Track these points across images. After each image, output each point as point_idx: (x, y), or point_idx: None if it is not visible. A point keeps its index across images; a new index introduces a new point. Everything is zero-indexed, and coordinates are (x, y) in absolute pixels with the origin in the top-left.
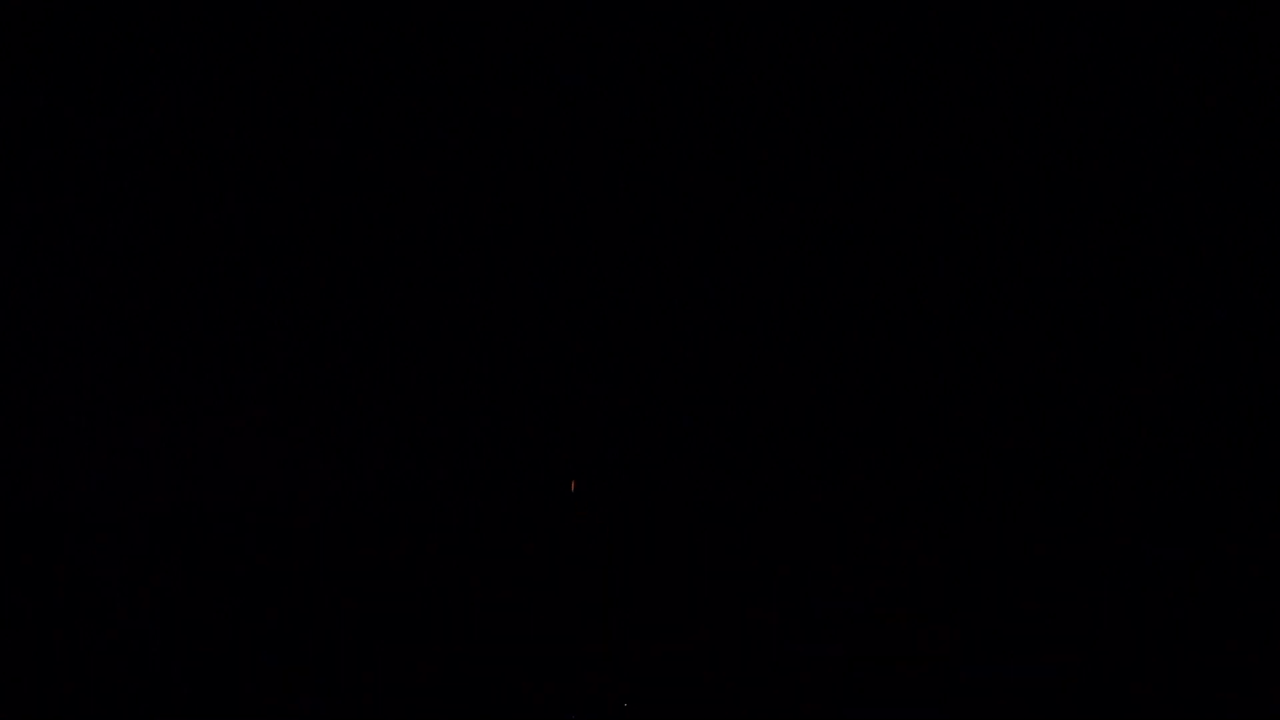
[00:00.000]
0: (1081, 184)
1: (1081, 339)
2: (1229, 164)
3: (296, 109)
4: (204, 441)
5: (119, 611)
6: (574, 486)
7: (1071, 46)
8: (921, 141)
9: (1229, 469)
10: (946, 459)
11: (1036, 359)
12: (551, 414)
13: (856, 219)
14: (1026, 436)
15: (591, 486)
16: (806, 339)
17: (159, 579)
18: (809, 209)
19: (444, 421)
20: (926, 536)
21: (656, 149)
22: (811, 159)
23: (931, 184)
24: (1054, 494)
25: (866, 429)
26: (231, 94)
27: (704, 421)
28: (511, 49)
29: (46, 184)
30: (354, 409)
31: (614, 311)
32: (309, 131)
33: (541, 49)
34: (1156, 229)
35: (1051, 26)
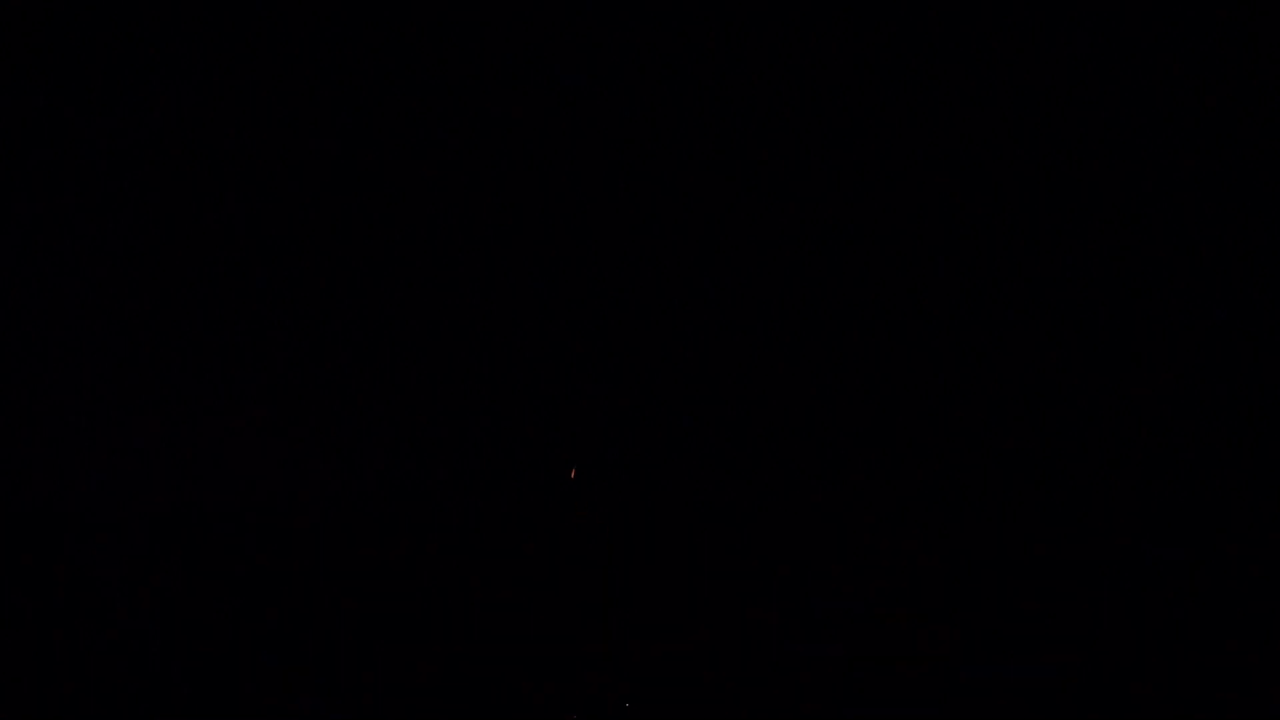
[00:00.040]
0: (1081, 184)
1: (1081, 339)
2: (1229, 164)
3: (296, 109)
4: (204, 441)
5: (119, 611)
6: (573, 475)
7: (1071, 46)
8: (921, 141)
9: (1229, 469)
10: (946, 459)
11: (1036, 359)
12: (551, 414)
13: (856, 219)
14: (1026, 436)
15: (591, 486)
16: (806, 339)
17: (159, 579)
18: (809, 209)
19: (444, 421)
20: (926, 536)
21: (656, 149)
22: (811, 159)
23: (931, 184)
24: (1054, 494)
25: (866, 429)
26: (231, 94)
27: (704, 421)
28: (511, 49)
29: (46, 184)
30: (354, 409)
31: (614, 311)
32: (309, 131)
33: (541, 49)
34: (1156, 229)
35: (1051, 26)
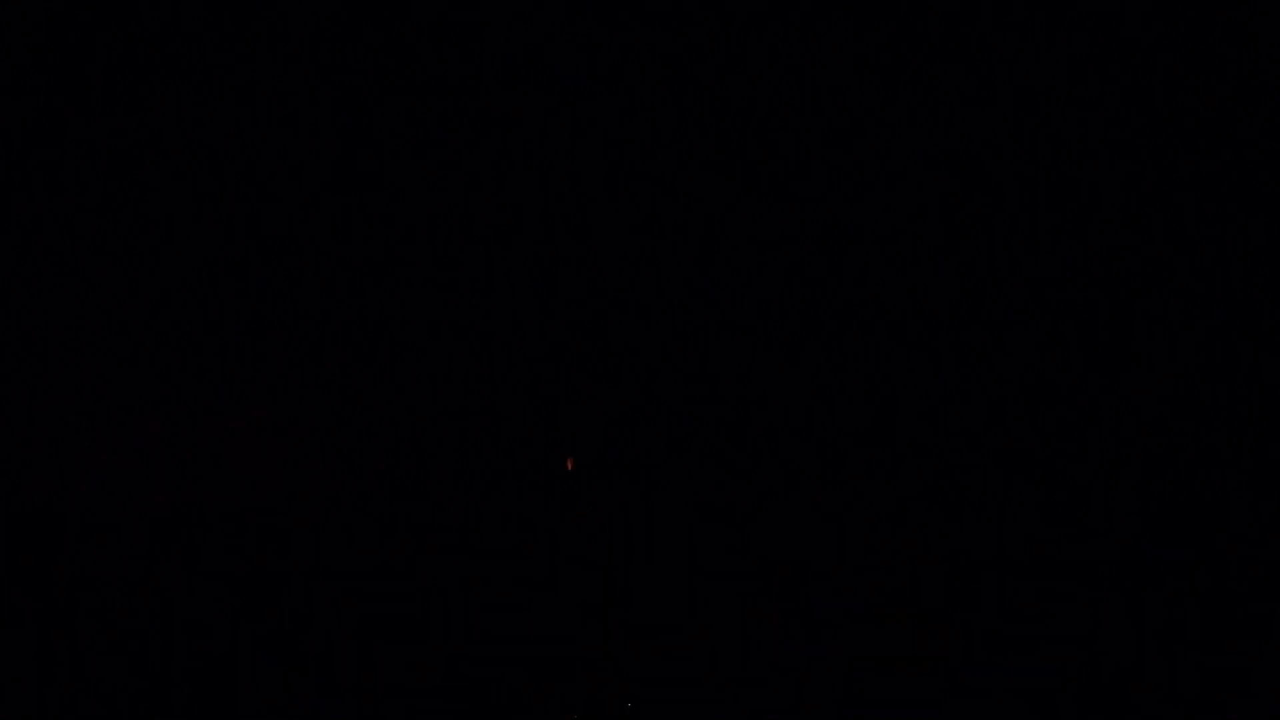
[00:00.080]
0: (1081, 184)
1: (1081, 339)
2: (1229, 164)
3: (297, 109)
4: (204, 441)
5: (119, 611)
6: (570, 465)
7: (1071, 46)
8: (921, 141)
9: (1229, 469)
10: (946, 459)
11: (1036, 359)
12: (551, 414)
13: (856, 219)
14: (1026, 436)
15: (591, 486)
16: (806, 339)
17: (159, 579)
18: (809, 209)
19: (444, 421)
20: (926, 536)
21: (656, 149)
22: (811, 159)
23: (931, 184)
24: (1054, 494)
25: (866, 429)
26: (231, 94)
27: (704, 421)
28: (511, 49)
29: (46, 184)
30: (354, 409)
31: (614, 311)
32: (309, 131)
33: (541, 49)
34: (1156, 229)
35: (1051, 26)
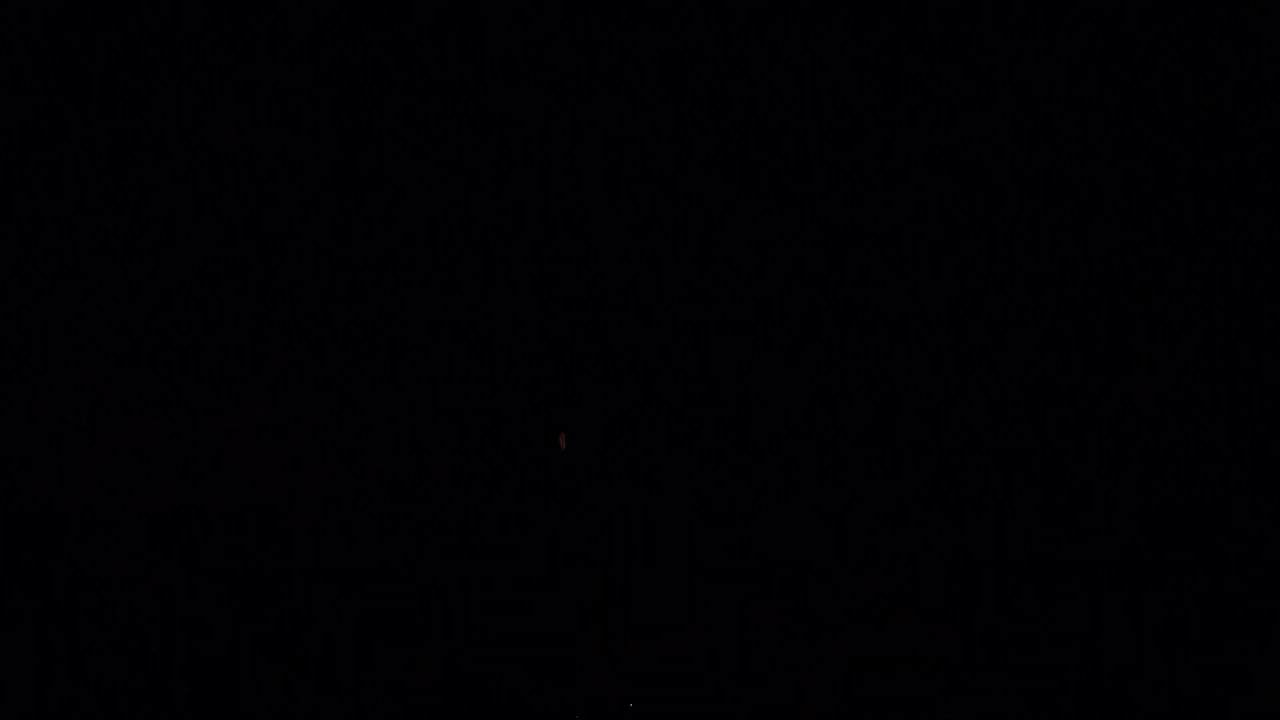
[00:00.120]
0: (1081, 184)
1: (1081, 339)
2: (1229, 164)
3: (297, 109)
4: (204, 441)
5: (119, 611)
6: (564, 441)
7: (1071, 46)
8: (921, 141)
9: (1229, 469)
10: (946, 459)
11: (1036, 359)
12: (551, 414)
13: (856, 219)
14: (1026, 436)
15: (591, 486)
16: (806, 339)
17: (159, 579)
18: (809, 209)
19: (444, 421)
20: (926, 536)
21: (656, 149)
22: (811, 159)
23: (931, 184)
24: (1054, 494)
25: (866, 429)
26: (231, 94)
27: (704, 421)
28: (511, 49)
29: (46, 184)
30: (354, 409)
31: (614, 311)
32: (309, 131)
33: (541, 49)
34: (1156, 229)
35: (1051, 26)
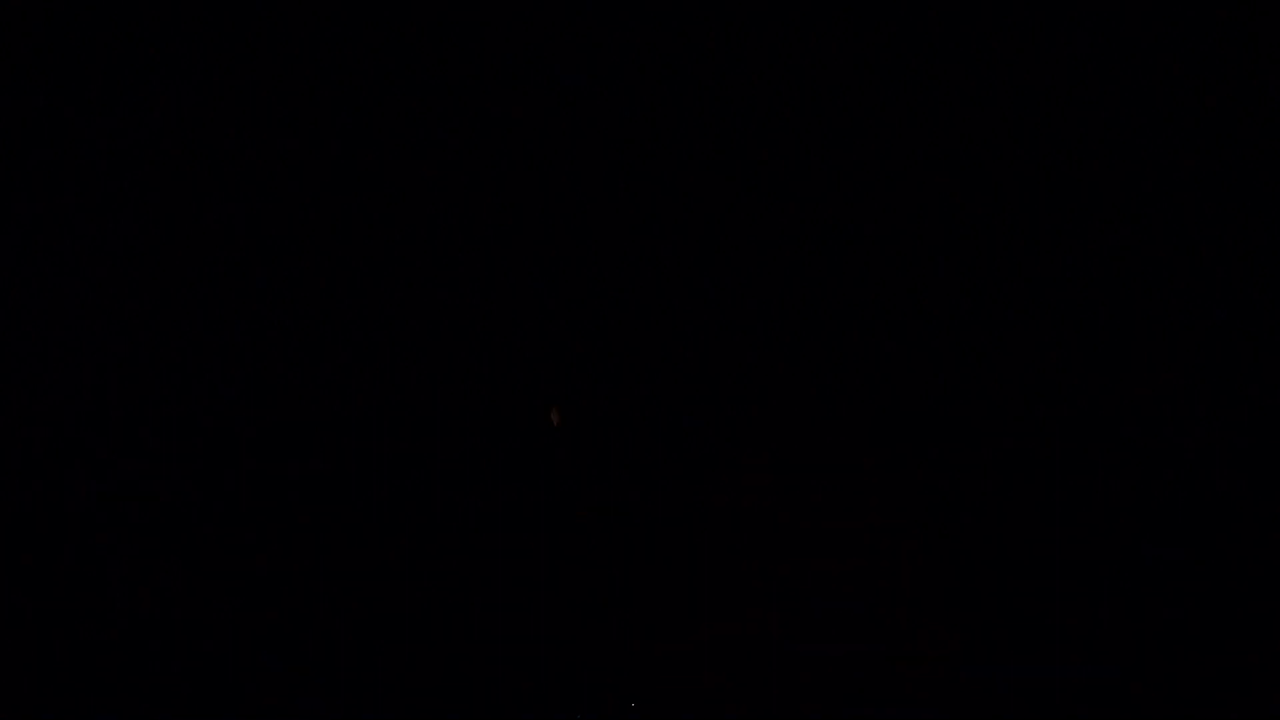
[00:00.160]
0: (1081, 184)
1: (1082, 339)
2: (1229, 164)
3: (296, 109)
4: (204, 441)
5: (119, 611)
6: (556, 417)
7: (1071, 46)
8: (921, 141)
9: (1229, 469)
10: (946, 459)
11: (1037, 359)
12: (550, 413)
13: (856, 219)
14: (1026, 436)
15: (591, 486)
16: (806, 339)
17: (159, 579)
18: (809, 209)
19: (443, 421)
20: (926, 536)
21: (656, 149)
22: (812, 159)
23: (931, 184)
24: (1054, 494)
25: (866, 429)
26: (231, 94)
27: (704, 421)
28: (512, 49)
29: (46, 184)
30: (354, 409)
31: (614, 311)
32: (309, 131)
33: (541, 49)
34: (1156, 229)
35: (1051, 26)
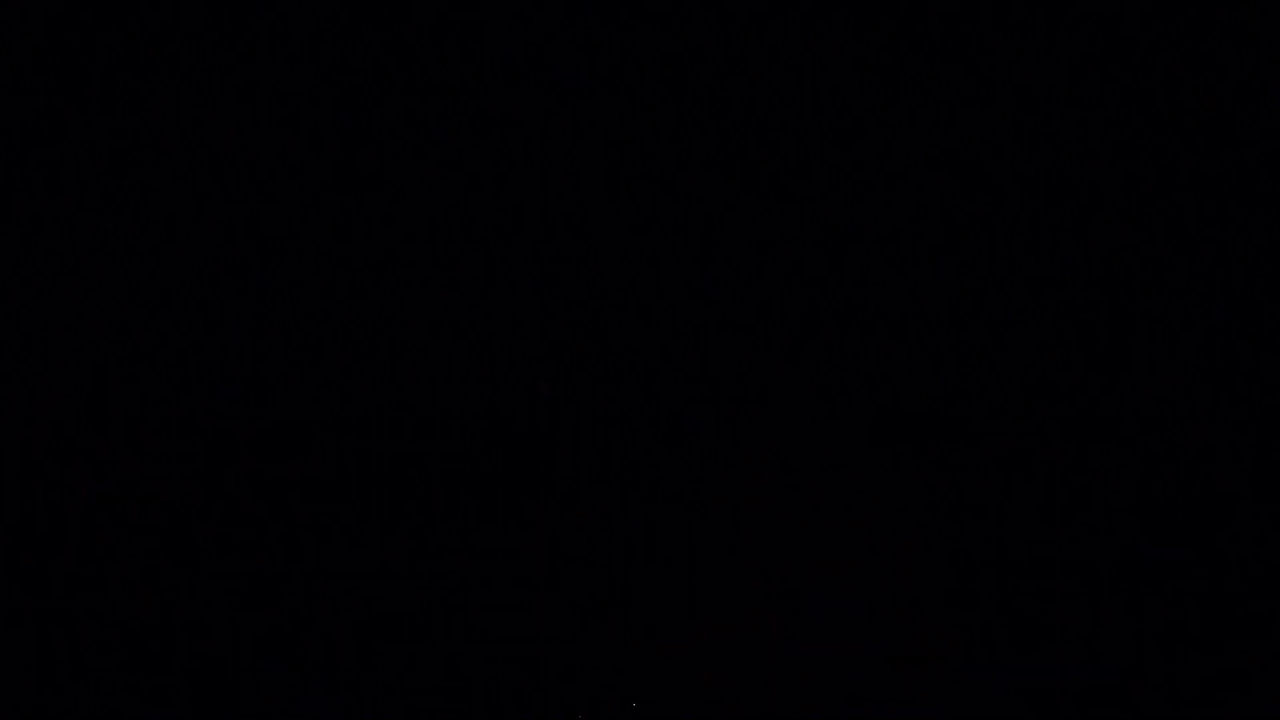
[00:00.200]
0: (1082, 184)
1: (1082, 339)
2: (1229, 164)
3: (296, 109)
4: (204, 441)
5: (119, 611)
6: (545, 390)
7: (1071, 46)
8: (922, 141)
9: (1229, 469)
10: (946, 459)
11: (1037, 359)
12: (551, 413)
13: (857, 219)
14: (1026, 436)
15: (591, 485)
16: (806, 339)
17: (159, 579)
18: (809, 209)
19: (443, 421)
20: (926, 536)
21: (656, 149)
22: (812, 159)
23: (931, 184)
24: (1054, 494)
25: (866, 429)
26: (232, 94)
27: (704, 421)
28: (512, 49)
29: (46, 184)
30: (354, 409)
31: (613, 311)
32: (309, 131)
33: (541, 49)
34: (1156, 229)
35: (1052, 26)
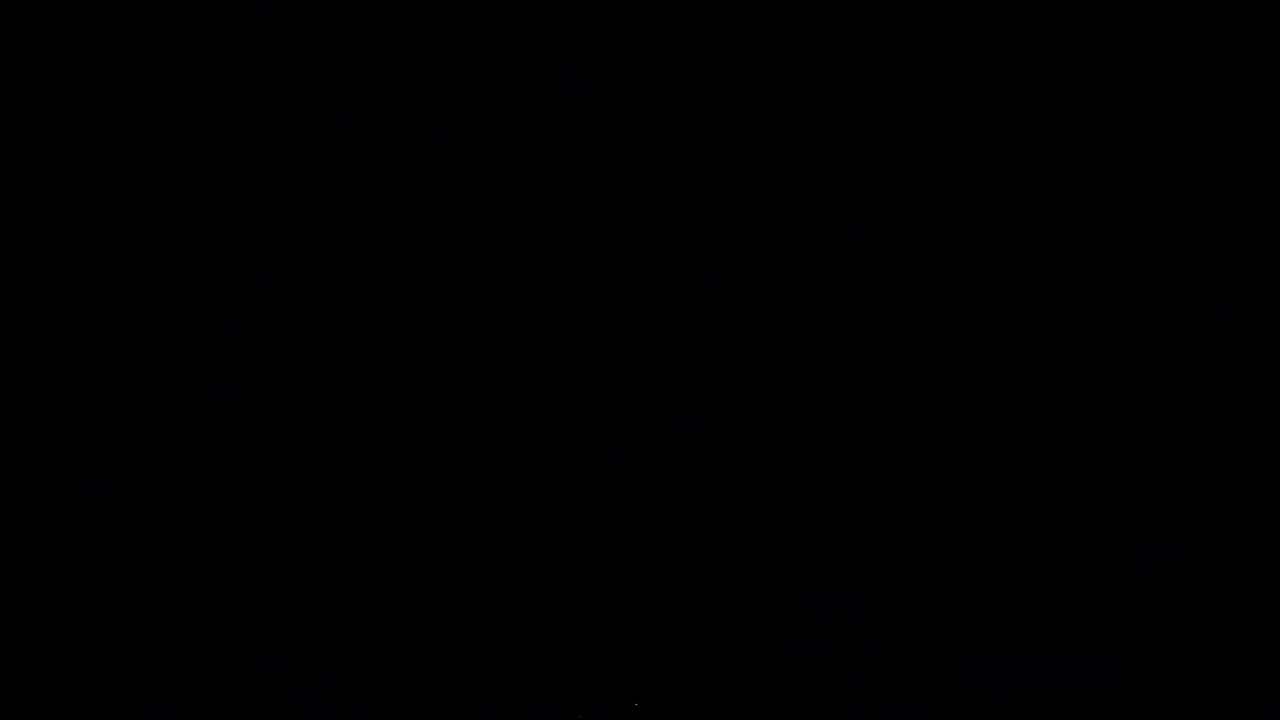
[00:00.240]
0: (1082, 184)
1: (1081, 339)
2: (1229, 164)
3: (296, 109)
4: (204, 441)
5: (119, 611)
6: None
7: (1071, 46)
8: (922, 141)
9: (1229, 469)
10: (946, 459)
11: (1037, 359)
12: (551, 413)
13: (857, 219)
14: (1026, 436)
15: (591, 485)
16: (806, 339)
17: (159, 579)
18: (809, 209)
19: (443, 421)
20: (926, 536)
21: (656, 149)
22: (812, 159)
23: (932, 184)
24: (1054, 494)
25: (866, 429)
26: (232, 94)
27: (704, 421)
28: (512, 49)
29: (46, 184)
30: (354, 409)
31: (614, 311)
32: (309, 131)
33: (541, 49)
34: (1156, 229)
35: (1052, 26)
